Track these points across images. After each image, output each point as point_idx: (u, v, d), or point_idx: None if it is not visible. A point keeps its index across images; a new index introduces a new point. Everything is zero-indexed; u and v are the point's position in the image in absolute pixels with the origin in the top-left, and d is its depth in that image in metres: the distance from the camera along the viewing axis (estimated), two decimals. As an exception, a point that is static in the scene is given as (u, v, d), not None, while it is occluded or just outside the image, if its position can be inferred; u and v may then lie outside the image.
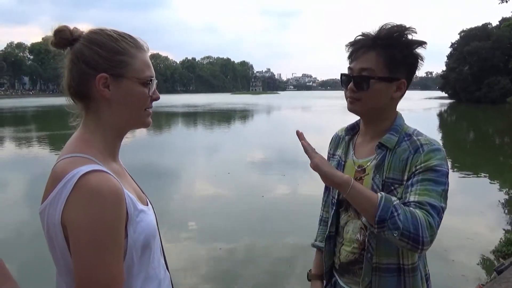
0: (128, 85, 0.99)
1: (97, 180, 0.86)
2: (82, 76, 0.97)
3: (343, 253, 1.40)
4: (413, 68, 1.32)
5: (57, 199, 0.86)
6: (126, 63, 0.98)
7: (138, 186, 1.14)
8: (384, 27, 1.29)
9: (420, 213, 1.11)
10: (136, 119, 1.04)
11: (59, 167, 0.90)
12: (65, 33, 0.98)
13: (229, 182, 8.90)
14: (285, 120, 28.16)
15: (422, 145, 1.25)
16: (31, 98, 77.93)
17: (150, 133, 17.50)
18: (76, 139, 0.99)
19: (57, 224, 0.86)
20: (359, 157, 1.40)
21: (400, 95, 1.33)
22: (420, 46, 1.29)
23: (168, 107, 40.90)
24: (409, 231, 1.09)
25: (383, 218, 1.10)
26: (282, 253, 4.94)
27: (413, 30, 1.28)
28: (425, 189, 1.17)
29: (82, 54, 0.97)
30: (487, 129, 23.57)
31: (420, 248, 1.11)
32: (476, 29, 60.64)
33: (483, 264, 4.62)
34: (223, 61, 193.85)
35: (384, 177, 1.27)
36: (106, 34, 0.99)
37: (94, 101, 0.99)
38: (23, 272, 4.20)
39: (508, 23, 24.61)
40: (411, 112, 31.41)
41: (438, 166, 1.20)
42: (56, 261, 0.92)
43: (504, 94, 51.30)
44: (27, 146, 14.84)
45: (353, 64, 1.32)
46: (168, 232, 5.69)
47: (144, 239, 0.97)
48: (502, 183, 8.99)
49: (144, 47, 1.04)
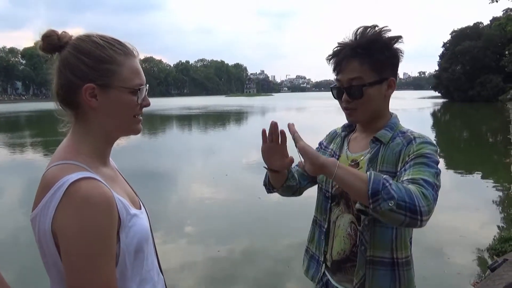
0: (116, 95, 0.97)
1: (87, 188, 0.86)
2: (69, 84, 0.96)
3: (335, 250, 1.40)
4: (397, 64, 1.35)
5: (47, 207, 0.85)
6: (113, 72, 0.96)
7: (132, 188, 1.13)
8: (359, 33, 1.31)
9: (412, 187, 1.10)
10: (125, 126, 1.03)
11: (49, 175, 0.90)
12: (53, 38, 0.97)
13: (227, 183, 8.92)
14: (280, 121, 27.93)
15: (415, 138, 1.29)
16: (24, 103, 77.32)
17: (148, 136, 17.46)
18: (65, 146, 0.98)
19: (47, 232, 0.85)
20: (353, 151, 1.43)
21: (391, 92, 1.36)
22: (397, 41, 1.32)
23: (162, 110, 40.78)
24: (404, 201, 1.04)
25: (376, 190, 1.06)
26: (281, 254, 4.95)
27: (388, 29, 1.31)
28: (418, 170, 1.17)
29: (68, 63, 0.95)
30: (481, 128, 23.74)
31: (420, 219, 1.05)
32: (467, 28, 61.13)
33: (478, 262, 4.66)
34: (217, 63, 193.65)
35: (377, 170, 1.29)
36: (92, 41, 0.97)
37: (82, 109, 0.98)
38: (19, 280, 4.18)
39: (498, 22, 24.78)
40: (405, 111, 31.57)
41: (430, 154, 1.22)
42: (48, 269, 0.92)
43: (496, 92, 51.68)
44: (20, 152, 14.73)
45: (340, 76, 1.34)
46: (168, 233, 5.70)
47: (137, 243, 0.96)
48: (495, 181, 9.06)
49: (133, 53, 1.02)
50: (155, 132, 20.66)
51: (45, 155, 13.11)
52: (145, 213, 1.08)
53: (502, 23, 23.22)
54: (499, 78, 52.16)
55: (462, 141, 18.11)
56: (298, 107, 48.34)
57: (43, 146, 15.45)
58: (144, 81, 1.03)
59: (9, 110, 48.72)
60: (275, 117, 34.48)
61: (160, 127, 24.14)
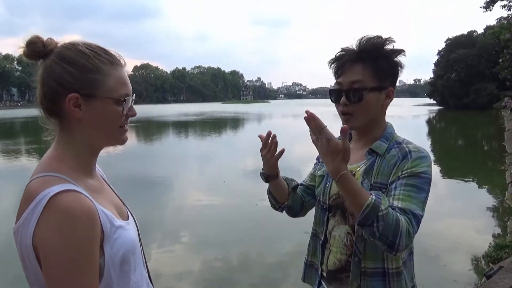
0: (100, 105, 0.95)
1: (69, 200, 0.84)
2: (53, 94, 0.94)
3: (331, 260, 1.41)
4: (397, 76, 1.39)
5: (29, 220, 0.84)
6: (98, 82, 0.94)
7: (120, 198, 1.11)
8: (364, 40, 1.34)
9: (404, 221, 1.14)
10: (110, 137, 1.01)
11: (31, 187, 0.88)
12: (37, 45, 0.94)
13: (225, 190, 8.93)
14: (278, 127, 28.15)
15: (411, 151, 1.29)
16: (20, 109, 77.00)
17: (146, 143, 17.41)
18: (49, 156, 0.96)
19: (28, 245, 0.84)
20: (349, 163, 1.43)
21: (389, 102, 1.38)
22: (400, 54, 1.35)
23: (159, 117, 40.73)
24: (387, 238, 1.12)
25: (363, 224, 1.14)
26: (278, 261, 4.95)
27: (392, 40, 1.34)
28: (408, 195, 1.21)
29: (52, 72, 0.93)
30: (476, 135, 23.89)
31: (393, 253, 1.16)
32: (461, 36, 61.68)
33: (473, 269, 4.67)
34: (213, 70, 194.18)
35: (372, 182, 1.30)
36: (78, 50, 0.94)
37: (66, 119, 0.96)
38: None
39: (492, 31, 25.03)
40: (401, 119, 31.73)
41: (423, 173, 1.24)
42: (31, 284, 0.90)
43: (491, 100, 52.19)
44: (15, 158, 14.64)
45: (341, 79, 1.35)
46: (165, 240, 5.68)
47: (122, 255, 0.94)
48: (490, 188, 9.10)
49: (120, 62, 1.00)
50: (152, 138, 20.62)
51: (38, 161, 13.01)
52: (133, 224, 1.06)
53: (496, 31, 23.51)
54: (494, 85, 52.62)
55: (457, 148, 18.21)
56: (294, 114, 48.46)
57: (38, 152, 15.37)
58: (131, 91, 1.00)
59: (5, 116, 48.47)
60: (272, 124, 34.56)
61: (157, 134, 24.09)
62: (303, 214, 1.64)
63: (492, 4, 20.08)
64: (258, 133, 1.45)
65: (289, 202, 1.56)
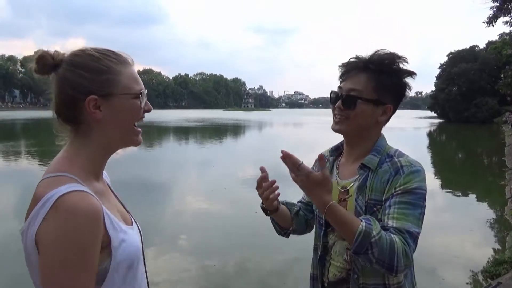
0: (119, 102, 0.98)
1: (76, 200, 0.85)
2: (71, 101, 0.96)
3: (331, 272, 1.41)
4: (401, 96, 1.37)
5: (35, 218, 0.85)
6: (113, 81, 0.97)
7: (123, 205, 1.12)
8: (377, 53, 1.34)
9: (398, 242, 1.14)
10: (127, 137, 1.03)
11: (41, 187, 0.90)
12: (47, 59, 0.96)
13: (225, 197, 8.94)
14: (278, 135, 28.35)
15: (403, 166, 1.28)
16: (22, 111, 77.25)
17: (147, 148, 17.41)
18: (60, 157, 0.98)
19: (32, 242, 0.85)
20: (342, 178, 1.43)
21: (385, 120, 1.37)
22: (409, 76, 1.35)
23: (161, 122, 40.81)
24: (383, 262, 1.13)
25: (357, 253, 1.15)
26: (276, 269, 4.92)
27: (405, 60, 1.33)
28: (402, 213, 1.20)
29: (66, 79, 0.95)
30: (476, 149, 23.89)
31: (394, 274, 1.17)
32: (464, 51, 62.04)
33: (472, 284, 4.64)
34: (216, 77, 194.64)
35: (367, 199, 1.30)
36: (88, 54, 0.97)
37: (85, 124, 0.98)
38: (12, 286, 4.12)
39: (494, 46, 25.22)
40: (402, 130, 31.75)
41: (417, 189, 1.23)
42: (35, 282, 0.91)
43: (492, 114, 52.29)
44: (15, 160, 14.64)
45: (343, 84, 1.37)
46: (164, 246, 5.68)
47: (126, 259, 0.95)
48: (490, 203, 9.08)
49: (129, 61, 1.03)
50: (154, 144, 20.62)
51: (41, 161, 13.04)
52: (137, 230, 1.07)
53: (498, 47, 23.66)
54: (495, 100, 52.75)
55: (457, 162, 18.20)
56: (295, 123, 48.55)
57: (39, 154, 15.38)
58: (143, 86, 1.04)
59: (6, 118, 48.57)
60: (271, 132, 34.59)
61: (158, 139, 24.11)
62: (310, 231, 1.64)
63: (495, 20, 20.22)
64: (259, 140, 1.47)
65: (293, 227, 1.58)
